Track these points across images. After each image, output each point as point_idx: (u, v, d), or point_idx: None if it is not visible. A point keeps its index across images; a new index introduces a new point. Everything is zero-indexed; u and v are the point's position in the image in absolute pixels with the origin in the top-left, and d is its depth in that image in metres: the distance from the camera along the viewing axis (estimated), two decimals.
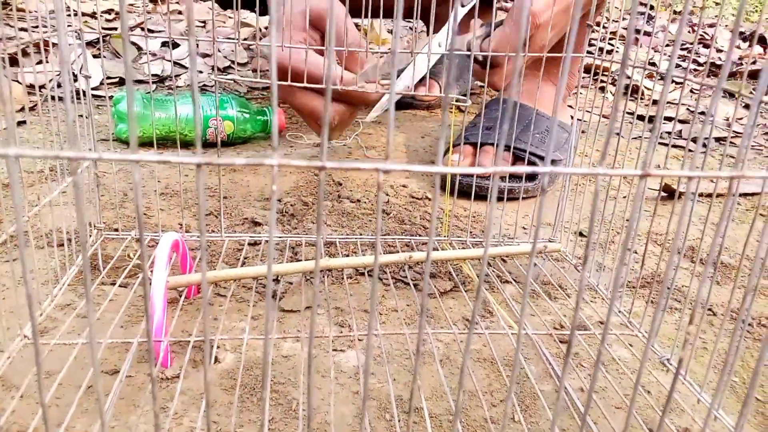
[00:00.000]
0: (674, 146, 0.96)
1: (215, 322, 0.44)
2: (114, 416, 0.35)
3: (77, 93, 0.51)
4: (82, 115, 0.52)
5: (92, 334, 0.18)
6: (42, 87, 0.92)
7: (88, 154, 0.17)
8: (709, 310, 0.52)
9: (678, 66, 1.42)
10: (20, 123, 0.82)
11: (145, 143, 0.82)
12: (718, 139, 1.03)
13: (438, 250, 0.57)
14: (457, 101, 0.52)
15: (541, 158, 0.71)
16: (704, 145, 0.98)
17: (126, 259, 0.52)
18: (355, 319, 0.46)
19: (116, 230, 0.54)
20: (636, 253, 0.61)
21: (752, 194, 0.80)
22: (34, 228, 0.53)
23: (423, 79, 1.01)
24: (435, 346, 0.44)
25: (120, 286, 0.48)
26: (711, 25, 2.18)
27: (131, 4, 1.66)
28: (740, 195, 0.79)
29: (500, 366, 0.42)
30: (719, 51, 1.78)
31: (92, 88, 0.86)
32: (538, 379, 0.42)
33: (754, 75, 1.47)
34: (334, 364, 0.42)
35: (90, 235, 0.52)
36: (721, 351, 0.47)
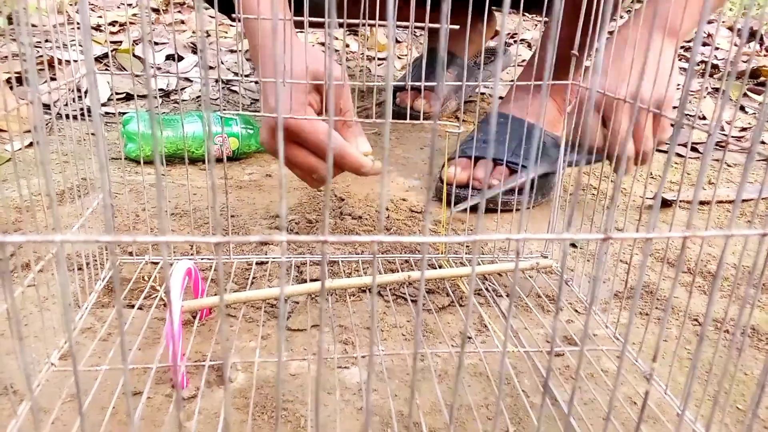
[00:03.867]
0: (660, 151, 0.98)
1: (227, 342, 0.47)
2: None
3: (84, 111, 0.51)
4: (91, 134, 0.54)
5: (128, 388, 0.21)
6: (54, 104, 0.95)
7: (123, 237, 0.19)
8: (695, 320, 0.55)
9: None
10: (31, 144, 0.85)
11: (151, 162, 0.85)
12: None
13: (435, 266, 0.59)
14: (449, 127, 0.55)
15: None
16: (695, 149, 1.00)
17: (141, 281, 0.55)
18: (358, 336, 0.49)
19: (131, 254, 0.57)
20: (625, 263, 0.64)
21: (744, 200, 0.82)
22: (53, 252, 0.56)
23: (420, 90, 1.04)
24: (433, 362, 0.47)
25: (138, 308, 0.51)
26: (710, 22, 2.19)
27: (134, 15, 1.68)
28: (728, 202, 0.81)
29: (494, 381, 0.45)
30: (717, 49, 1.80)
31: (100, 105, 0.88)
32: (531, 393, 0.44)
33: (751, 74, 1.49)
34: (338, 381, 0.45)
35: (106, 259, 0.55)
36: (705, 361, 0.49)
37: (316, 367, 0.46)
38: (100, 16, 1.53)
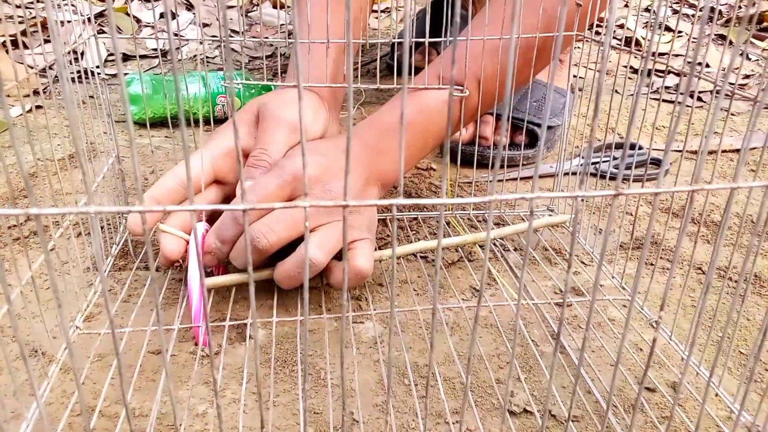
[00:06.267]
0: (666, 101, 0.98)
1: (245, 302, 0.49)
2: (164, 391, 0.40)
3: (84, 73, 0.50)
4: (92, 96, 0.54)
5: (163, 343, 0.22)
6: (50, 67, 0.94)
7: (154, 207, 0.20)
8: (699, 269, 0.56)
9: (676, 12, 1.42)
10: (38, 107, 0.85)
11: (155, 123, 0.85)
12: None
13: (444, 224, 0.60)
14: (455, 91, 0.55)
15: (539, 126, 0.74)
16: (700, 99, 1.00)
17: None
18: (371, 293, 0.51)
19: None
20: (631, 215, 0.65)
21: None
22: (69, 217, 0.57)
23: (420, 45, 1.02)
24: (445, 315, 0.49)
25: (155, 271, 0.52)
26: None
27: None
28: (732, 151, 0.82)
29: (504, 332, 0.47)
30: None
31: (96, 67, 0.88)
32: (540, 342, 0.46)
33: (753, 20, 1.47)
34: (354, 335, 0.46)
35: (120, 224, 0.56)
36: (709, 308, 0.51)
37: (331, 322, 0.47)
38: None
